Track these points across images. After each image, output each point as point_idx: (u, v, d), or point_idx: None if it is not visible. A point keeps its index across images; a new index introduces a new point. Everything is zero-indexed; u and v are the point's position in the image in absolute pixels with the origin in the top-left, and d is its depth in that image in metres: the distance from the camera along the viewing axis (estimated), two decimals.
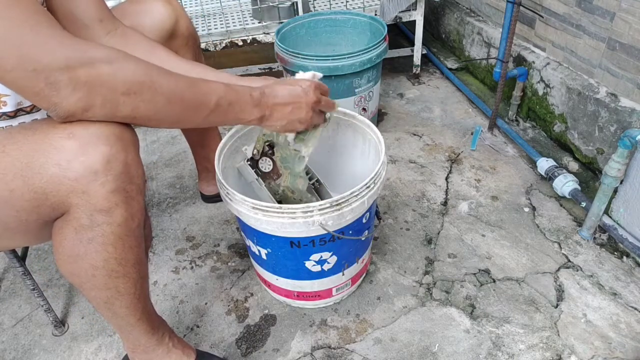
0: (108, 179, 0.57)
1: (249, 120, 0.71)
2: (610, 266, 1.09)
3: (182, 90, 0.62)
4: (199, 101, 0.64)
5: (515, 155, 1.47)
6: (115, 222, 0.60)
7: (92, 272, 0.63)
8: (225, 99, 0.66)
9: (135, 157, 0.61)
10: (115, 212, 0.59)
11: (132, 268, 0.67)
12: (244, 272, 1.15)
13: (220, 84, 0.67)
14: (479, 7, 1.83)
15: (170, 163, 1.55)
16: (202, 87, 0.65)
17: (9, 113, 0.69)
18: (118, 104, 0.56)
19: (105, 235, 0.60)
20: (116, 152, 0.57)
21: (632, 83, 1.15)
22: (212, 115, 0.66)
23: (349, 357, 0.94)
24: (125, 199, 0.60)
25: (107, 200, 0.58)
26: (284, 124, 0.75)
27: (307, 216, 0.78)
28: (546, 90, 1.45)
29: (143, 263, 0.70)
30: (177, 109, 0.62)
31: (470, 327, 0.98)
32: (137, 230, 0.64)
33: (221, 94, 0.66)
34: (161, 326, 0.82)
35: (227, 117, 0.68)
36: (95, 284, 0.65)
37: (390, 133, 1.62)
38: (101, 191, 0.57)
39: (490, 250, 1.16)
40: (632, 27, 1.11)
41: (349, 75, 1.35)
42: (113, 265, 0.64)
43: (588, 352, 0.92)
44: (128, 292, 0.69)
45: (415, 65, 1.92)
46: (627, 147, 1.00)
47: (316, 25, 1.58)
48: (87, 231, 0.59)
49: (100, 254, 0.62)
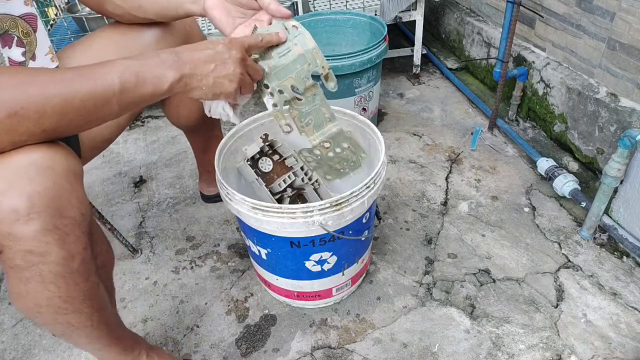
0: (32, 217, 0.50)
1: (170, 85, 0.60)
2: (610, 266, 1.09)
3: (72, 88, 0.53)
4: (100, 89, 0.54)
5: (515, 155, 1.47)
6: (52, 261, 0.54)
7: (37, 310, 0.59)
8: (128, 73, 0.57)
9: (68, 186, 0.54)
10: (49, 252, 0.53)
11: (81, 304, 0.61)
12: (244, 272, 1.15)
13: (119, 59, 0.58)
14: (479, 7, 1.83)
15: (170, 163, 1.55)
16: (98, 71, 0.55)
17: None
18: (9, 128, 0.50)
19: (44, 275, 0.55)
20: (39, 187, 0.51)
21: (632, 83, 1.15)
22: (125, 98, 0.57)
23: (349, 357, 0.94)
24: (58, 237, 0.53)
25: (36, 240, 0.52)
26: (210, 84, 0.64)
27: (307, 216, 0.78)
28: (546, 90, 1.45)
29: (96, 297, 0.63)
30: (79, 110, 0.54)
31: (470, 327, 0.98)
32: (81, 266, 0.58)
33: (121, 68, 0.56)
34: (136, 345, 0.79)
35: (143, 92, 0.58)
36: (44, 320, 0.61)
37: (390, 133, 1.62)
38: (27, 231, 0.51)
39: (490, 250, 1.16)
40: (632, 27, 1.11)
41: (349, 75, 1.35)
42: (58, 303, 0.58)
43: (588, 352, 0.92)
44: (84, 326, 0.64)
45: (415, 65, 1.92)
46: (627, 147, 1.00)
47: (316, 25, 1.58)
48: (23, 271, 0.54)
49: (42, 292, 0.56)
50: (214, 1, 0.76)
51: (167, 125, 1.73)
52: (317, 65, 0.77)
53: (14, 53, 0.71)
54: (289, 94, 0.76)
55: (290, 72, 0.76)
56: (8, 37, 0.69)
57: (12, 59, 0.70)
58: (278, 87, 0.76)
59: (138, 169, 1.54)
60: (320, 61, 0.77)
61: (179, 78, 0.61)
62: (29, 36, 0.73)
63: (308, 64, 0.76)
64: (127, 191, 1.45)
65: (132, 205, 1.38)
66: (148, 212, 1.35)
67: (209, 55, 0.64)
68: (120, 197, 1.42)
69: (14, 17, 0.70)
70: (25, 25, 0.72)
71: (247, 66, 0.67)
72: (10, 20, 0.70)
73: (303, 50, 0.75)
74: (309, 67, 0.77)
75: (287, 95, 0.76)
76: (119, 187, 1.47)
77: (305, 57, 0.76)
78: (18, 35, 0.71)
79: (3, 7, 0.68)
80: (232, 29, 0.76)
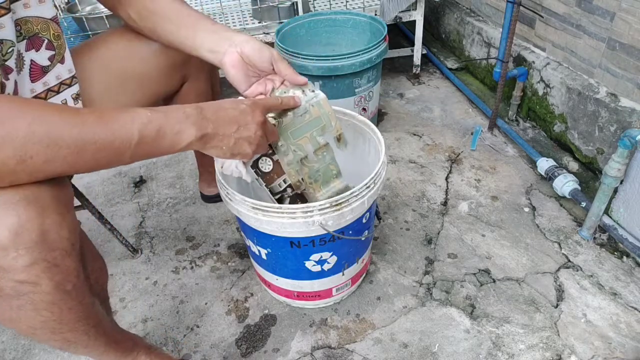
0: (20, 253, 0.50)
1: (189, 143, 0.59)
2: (610, 266, 1.09)
3: (89, 137, 0.51)
4: (118, 142, 0.53)
5: (515, 155, 1.47)
6: (43, 291, 0.53)
7: (32, 332, 0.58)
8: (151, 126, 0.55)
9: (57, 218, 0.52)
10: (40, 283, 0.52)
11: (77, 323, 0.61)
12: (244, 272, 1.14)
13: (142, 109, 0.56)
14: (479, 7, 1.83)
15: (170, 163, 1.55)
16: (118, 120, 0.53)
17: None
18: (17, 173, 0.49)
19: (35, 303, 0.54)
20: (26, 221, 0.50)
21: (632, 83, 1.15)
22: (140, 149, 0.55)
23: (349, 357, 0.94)
24: (48, 269, 0.52)
25: (26, 273, 0.51)
26: (231, 145, 0.64)
27: (307, 216, 0.78)
28: (546, 90, 1.45)
29: (92, 315, 0.63)
30: (89, 161, 0.52)
31: (470, 327, 0.98)
32: (74, 291, 0.57)
33: (144, 120, 0.55)
34: (135, 347, 0.79)
35: (160, 145, 0.57)
36: (40, 339, 0.61)
37: (390, 133, 1.62)
38: (16, 266, 0.50)
39: (490, 250, 1.16)
40: (632, 27, 1.11)
41: (349, 75, 1.35)
42: (53, 325, 0.58)
43: (588, 352, 0.92)
44: (80, 340, 0.64)
45: (415, 65, 1.92)
46: (627, 147, 1.00)
47: (316, 25, 1.58)
48: (14, 299, 0.53)
49: (35, 318, 0.56)
50: (233, 60, 0.75)
51: None
52: (331, 127, 0.83)
53: (41, 56, 0.69)
54: (303, 152, 0.81)
55: (305, 132, 0.81)
56: (37, 39, 0.68)
57: (35, 61, 0.69)
58: (293, 147, 0.80)
59: (138, 169, 1.54)
60: (335, 123, 0.83)
61: (200, 137, 0.60)
62: (60, 39, 0.72)
63: (323, 125, 0.82)
64: (127, 191, 1.45)
65: (132, 205, 1.38)
66: (148, 212, 1.35)
67: (234, 117, 0.64)
68: (120, 197, 1.42)
69: (46, 20, 0.68)
70: (56, 28, 0.71)
71: (265, 128, 0.69)
72: (42, 23, 0.68)
73: (320, 113, 0.81)
74: (323, 128, 0.82)
75: (301, 153, 0.81)
76: (119, 187, 1.47)
77: (321, 119, 0.82)
78: (49, 38, 0.70)
79: (36, 10, 0.67)
80: (247, 87, 0.78)
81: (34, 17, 0.66)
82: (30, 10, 0.66)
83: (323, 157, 0.85)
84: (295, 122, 0.79)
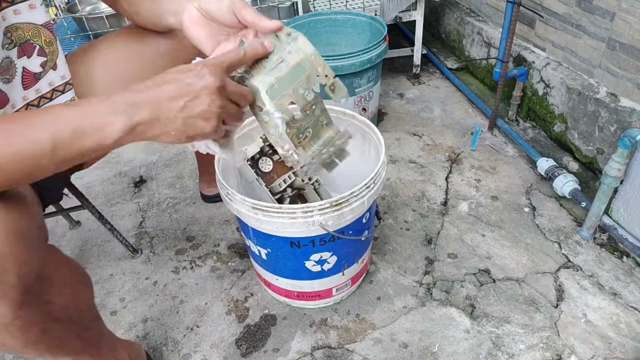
0: None
1: (118, 138, 0.48)
2: (610, 266, 1.09)
3: None
4: (28, 150, 0.46)
5: (515, 155, 1.47)
6: None
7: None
8: (63, 126, 0.46)
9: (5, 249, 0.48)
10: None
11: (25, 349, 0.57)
12: (244, 272, 1.14)
13: (58, 107, 0.48)
14: (479, 7, 1.83)
15: (170, 163, 1.55)
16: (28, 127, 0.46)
17: None
18: None
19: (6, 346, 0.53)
20: None
21: (632, 83, 1.15)
22: (59, 155, 0.47)
23: (349, 357, 0.94)
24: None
25: None
26: (179, 127, 0.51)
27: (307, 216, 0.78)
28: (546, 90, 1.45)
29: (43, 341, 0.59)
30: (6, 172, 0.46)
31: (470, 327, 0.98)
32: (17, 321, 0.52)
33: (55, 121, 0.46)
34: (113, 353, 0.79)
35: (83, 147, 0.48)
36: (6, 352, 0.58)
37: (390, 133, 1.62)
38: None
39: (490, 250, 1.15)
40: (632, 27, 1.11)
41: (349, 75, 1.35)
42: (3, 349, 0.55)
43: (588, 352, 0.92)
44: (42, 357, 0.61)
45: (415, 65, 1.92)
46: (627, 147, 1.00)
47: (316, 25, 1.58)
48: None
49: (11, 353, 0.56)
50: (192, 16, 0.64)
51: None
52: (318, 74, 0.65)
53: (33, 63, 0.69)
54: (287, 114, 0.63)
55: (286, 88, 0.62)
56: (29, 46, 0.67)
57: (27, 69, 0.68)
58: (274, 109, 0.62)
59: (138, 169, 1.54)
60: (322, 69, 0.65)
61: (132, 127, 0.48)
62: (52, 45, 0.71)
63: (307, 75, 0.64)
64: (127, 191, 1.45)
65: (132, 205, 1.38)
66: (148, 212, 1.35)
67: (175, 91, 0.50)
68: (120, 197, 1.42)
69: (37, 26, 0.68)
70: (47, 34, 0.70)
71: (229, 93, 0.55)
72: (33, 29, 0.67)
73: (299, 59, 0.63)
74: (308, 78, 0.65)
75: (285, 116, 0.63)
76: (119, 187, 1.47)
77: (303, 67, 0.64)
78: (40, 44, 0.69)
79: (27, 16, 0.66)
80: (213, 48, 0.65)
81: (24, 24, 0.66)
82: (21, 17, 0.65)
83: (312, 112, 0.68)
84: (271, 76, 0.62)
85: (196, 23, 0.64)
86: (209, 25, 0.65)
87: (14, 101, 0.67)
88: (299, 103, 0.64)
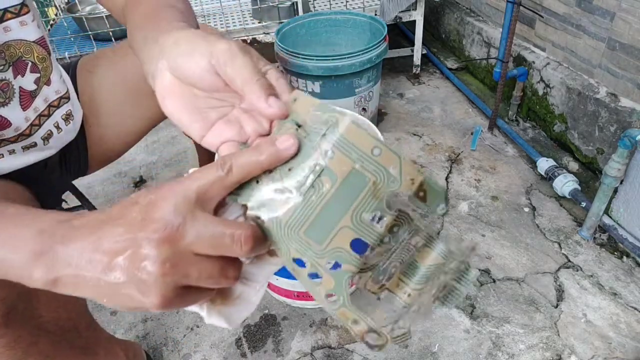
0: None
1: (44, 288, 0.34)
2: (610, 266, 1.09)
3: None
4: None
5: (515, 155, 1.47)
6: None
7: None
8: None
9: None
10: None
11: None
12: None
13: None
14: (479, 7, 1.83)
15: (170, 163, 1.55)
16: None
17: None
18: None
19: None
20: None
21: (632, 83, 1.15)
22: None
23: (349, 357, 0.94)
24: None
25: None
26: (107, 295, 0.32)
27: None
28: (546, 90, 1.45)
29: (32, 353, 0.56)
30: None
31: (470, 327, 0.98)
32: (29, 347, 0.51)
33: None
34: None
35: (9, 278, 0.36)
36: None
37: (390, 133, 1.62)
38: None
39: (490, 250, 1.16)
40: (632, 27, 1.11)
41: (349, 75, 1.35)
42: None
43: (588, 352, 0.92)
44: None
45: (415, 65, 1.92)
46: (627, 147, 1.00)
47: (316, 25, 1.58)
48: None
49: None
50: (164, 85, 0.39)
51: (167, 126, 1.73)
52: (392, 177, 0.34)
53: (26, 81, 0.67)
54: (351, 261, 0.35)
55: (337, 218, 0.33)
56: (21, 63, 0.65)
57: (23, 88, 0.66)
58: (323, 259, 0.34)
59: (138, 169, 1.54)
60: (397, 167, 0.34)
61: (53, 281, 0.34)
62: (45, 61, 0.69)
63: (371, 185, 0.33)
64: (127, 191, 1.45)
65: None
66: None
67: (104, 240, 0.32)
68: (120, 197, 1.42)
69: (29, 43, 0.66)
70: (40, 50, 0.68)
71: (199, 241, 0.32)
72: (25, 45, 0.66)
73: (352, 161, 0.33)
74: (375, 191, 0.34)
75: (349, 266, 0.35)
76: (119, 187, 1.47)
77: (362, 173, 0.33)
78: (33, 60, 0.67)
79: (18, 33, 0.64)
80: (201, 133, 0.39)
81: (16, 41, 0.64)
82: (12, 34, 0.63)
83: (397, 240, 0.37)
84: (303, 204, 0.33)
85: (170, 94, 0.39)
86: (190, 95, 0.39)
87: (17, 124, 0.65)
88: (367, 238, 0.34)
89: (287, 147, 0.33)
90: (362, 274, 0.37)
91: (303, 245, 0.34)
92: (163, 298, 0.31)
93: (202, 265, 0.32)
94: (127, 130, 0.85)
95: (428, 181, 0.35)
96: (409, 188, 0.35)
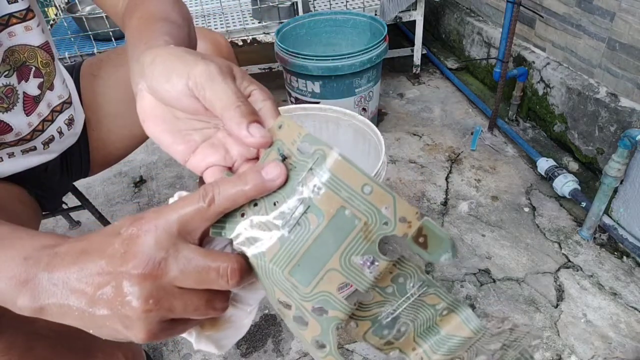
0: None
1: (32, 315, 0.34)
2: (610, 266, 1.09)
3: None
4: None
5: (515, 155, 1.47)
6: None
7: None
8: None
9: None
10: None
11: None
12: None
13: None
14: (479, 7, 1.83)
15: (170, 163, 1.55)
16: None
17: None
18: None
19: None
20: None
21: (632, 83, 1.15)
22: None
23: (349, 357, 0.94)
24: None
25: None
26: (93, 326, 0.32)
27: None
28: (546, 90, 1.45)
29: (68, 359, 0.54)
30: None
31: None
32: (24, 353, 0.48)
33: None
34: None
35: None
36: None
37: (390, 133, 1.62)
38: None
39: (490, 250, 1.16)
40: (632, 27, 1.11)
41: (349, 75, 1.35)
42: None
43: (588, 352, 0.92)
44: None
45: (415, 65, 1.92)
46: (627, 147, 1.00)
47: (316, 25, 1.58)
48: None
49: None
50: (144, 108, 0.37)
51: None
52: (385, 220, 0.30)
53: (30, 86, 0.67)
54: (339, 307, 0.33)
55: (324, 260, 0.31)
56: (25, 68, 0.65)
57: (27, 93, 0.66)
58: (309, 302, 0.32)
59: (138, 169, 1.54)
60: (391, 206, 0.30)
61: (38, 309, 0.33)
62: (49, 66, 0.69)
63: (362, 226, 0.30)
64: (127, 191, 1.45)
65: (132, 205, 1.38)
66: None
67: (87, 271, 0.31)
68: (120, 197, 1.42)
69: (33, 48, 0.66)
70: (44, 55, 0.68)
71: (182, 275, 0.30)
72: (29, 50, 0.66)
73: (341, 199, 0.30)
74: (367, 233, 0.31)
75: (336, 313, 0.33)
76: (119, 187, 1.47)
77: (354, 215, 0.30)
78: (36, 65, 0.67)
79: (22, 38, 0.64)
80: (187, 154, 0.38)
81: (20, 46, 0.64)
82: (16, 39, 0.63)
83: (400, 290, 0.35)
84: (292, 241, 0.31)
85: (151, 116, 0.37)
86: (171, 117, 0.37)
87: (18, 129, 0.65)
88: (358, 283, 0.33)
89: (273, 178, 0.31)
90: (358, 322, 0.35)
91: (288, 286, 0.31)
92: (149, 333, 0.31)
93: (188, 298, 0.31)
94: (129, 134, 0.85)
95: (428, 225, 0.31)
96: (405, 232, 0.31)
